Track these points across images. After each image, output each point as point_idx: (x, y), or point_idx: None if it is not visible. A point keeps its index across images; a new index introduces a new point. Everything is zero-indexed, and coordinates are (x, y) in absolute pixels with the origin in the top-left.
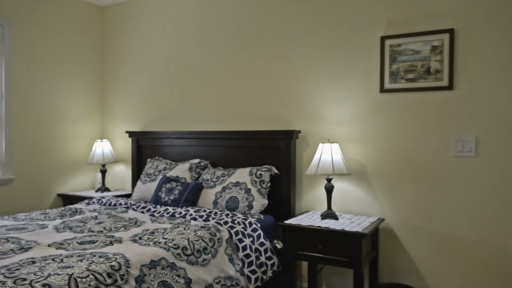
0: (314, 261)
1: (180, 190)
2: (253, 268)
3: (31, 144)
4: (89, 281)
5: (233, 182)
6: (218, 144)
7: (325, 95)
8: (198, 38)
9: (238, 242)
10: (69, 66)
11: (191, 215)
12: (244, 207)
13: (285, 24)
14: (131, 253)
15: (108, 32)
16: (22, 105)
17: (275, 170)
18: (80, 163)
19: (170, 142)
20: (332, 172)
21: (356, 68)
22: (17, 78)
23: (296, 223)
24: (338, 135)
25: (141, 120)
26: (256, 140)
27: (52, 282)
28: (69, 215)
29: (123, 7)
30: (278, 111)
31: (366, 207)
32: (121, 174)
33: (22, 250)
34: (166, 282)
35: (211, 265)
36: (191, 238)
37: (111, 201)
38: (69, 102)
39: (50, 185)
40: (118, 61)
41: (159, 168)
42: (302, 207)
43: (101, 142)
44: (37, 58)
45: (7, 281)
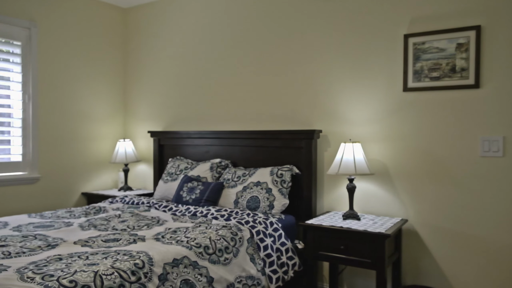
0: (336, 261)
1: (201, 190)
2: (274, 268)
3: (57, 144)
4: (113, 278)
5: (254, 181)
6: (239, 144)
7: (347, 95)
8: (220, 38)
9: (259, 241)
10: (93, 67)
11: (212, 214)
12: (265, 207)
13: (307, 24)
14: (154, 251)
15: (130, 34)
16: (49, 106)
17: (296, 170)
18: (103, 163)
19: (191, 142)
20: (354, 172)
21: (378, 67)
22: (43, 80)
23: (317, 223)
24: (360, 134)
25: (162, 120)
26: (277, 140)
27: (78, 279)
28: (93, 213)
29: (145, 8)
30: (299, 111)
31: (388, 208)
32: (143, 173)
33: (49, 247)
34: (188, 281)
35: (233, 264)
36: (213, 237)
37: (133, 200)
38: (93, 103)
39: (75, 184)
40: (140, 61)
41: (180, 168)
42: (323, 207)
43: (123, 142)
44: (62, 59)
45: (36, 277)
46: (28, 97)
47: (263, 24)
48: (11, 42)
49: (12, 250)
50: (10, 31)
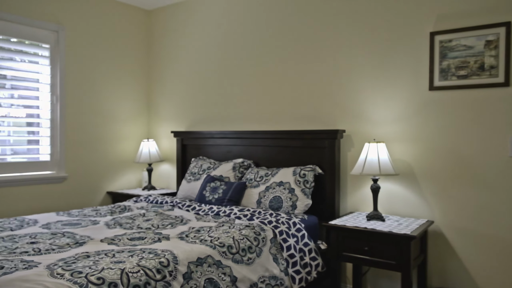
0: (360, 263)
1: (224, 189)
2: (298, 269)
3: (83, 144)
4: (139, 276)
5: (276, 181)
6: (261, 144)
7: (371, 94)
8: (241, 38)
9: (282, 241)
10: (118, 69)
11: (235, 214)
12: (288, 207)
13: (330, 22)
14: (179, 250)
15: (154, 35)
16: (75, 107)
17: (319, 170)
18: (127, 162)
19: (214, 142)
20: (378, 172)
21: (403, 65)
22: (71, 81)
23: (341, 224)
24: (384, 134)
25: (185, 120)
26: (300, 139)
27: (106, 276)
28: (119, 212)
29: (168, 10)
30: (322, 111)
31: (414, 209)
32: (166, 173)
33: (77, 245)
34: (212, 280)
35: (256, 264)
36: (236, 237)
37: (157, 199)
38: (118, 104)
39: (100, 183)
40: (164, 62)
41: (203, 168)
42: (346, 207)
43: (147, 142)
44: (88, 61)
45: (65, 274)
46: (56, 98)
47: (285, 24)
48: (40, 45)
49: (42, 247)
50: (39, 34)
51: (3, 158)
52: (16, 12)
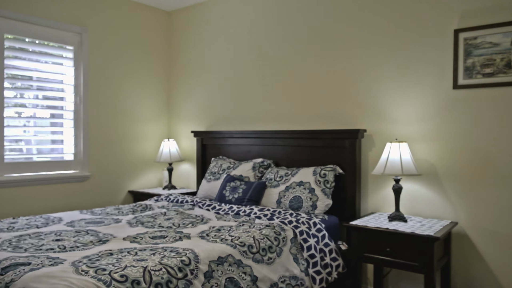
0: (381, 264)
1: (244, 189)
2: (318, 269)
3: (105, 144)
4: (161, 274)
5: (296, 181)
6: (281, 144)
7: (393, 93)
8: (261, 38)
9: (302, 242)
10: (139, 69)
11: (255, 213)
12: (308, 207)
13: (350, 20)
14: (200, 249)
15: (174, 36)
16: (98, 107)
17: (340, 170)
18: (148, 162)
19: (234, 142)
20: (400, 172)
21: (426, 63)
22: (93, 82)
23: (362, 224)
24: (406, 134)
25: (205, 120)
26: (320, 139)
27: (129, 274)
28: (140, 210)
29: (188, 11)
30: (343, 110)
31: (437, 210)
32: (187, 172)
33: (100, 242)
34: (233, 279)
35: (276, 264)
36: (257, 237)
37: (178, 198)
38: (139, 104)
39: (122, 182)
40: (184, 63)
41: (223, 167)
42: (367, 208)
43: (168, 141)
44: (110, 62)
45: (89, 271)
46: (79, 99)
47: (304, 23)
48: (64, 46)
49: (67, 244)
50: (63, 36)
51: (29, 157)
52: (41, 15)
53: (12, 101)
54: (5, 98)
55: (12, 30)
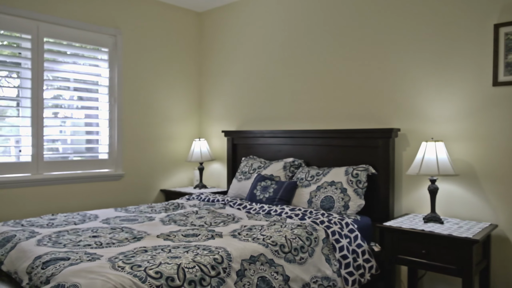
0: (416, 266)
1: (274, 189)
2: (351, 270)
3: (139, 143)
4: (195, 271)
5: (328, 181)
6: (312, 143)
7: (428, 91)
8: (292, 37)
9: (334, 242)
10: (170, 70)
11: (286, 213)
12: (340, 207)
13: (383, 17)
14: (232, 247)
15: (205, 37)
16: (131, 107)
17: (372, 169)
18: (180, 161)
19: (264, 141)
20: (437, 172)
21: (464, 60)
22: (127, 83)
23: (396, 226)
24: (442, 133)
25: (236, 120)
26: (352, 139)
27: (163, 270)
28: (172, 209)
29: (219, 11)
30: (376, 109)
31: (475, 212)
32: (217, 171)
33: (135, 240)
34: (265, 278)
35: (308, 264)
36: (288, 236)
37: (209, 197)
38: (171, 104)
39: (154, 181)
40: (214, 63)
41: (253, 167)
42: (401, 209)
43: (199, 141)
44: (143, 63)
45: (125, 267)
46: (114, 99)
47: (334, 20)
48: (100, 48)
49: (103, 240)
50: (99, 39)
51: (66, 156)
52: (78, 19)
53: (50, 102)
54: (45, 99)
55: (51, 33)
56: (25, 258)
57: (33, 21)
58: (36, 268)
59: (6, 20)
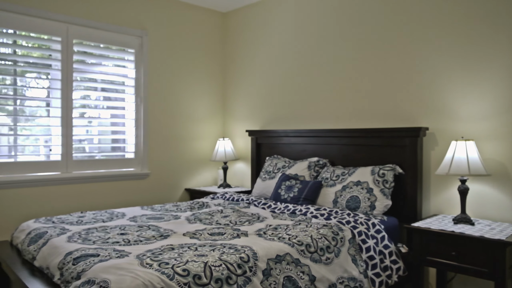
0: (445, 268)
1: (299, 188)
2: (378, 271)
3: (164, 142)
4: (221, 270)
5: (354, 181)
6: (337, 143)
7: (458, 88)
8: (315, 36)
9: (361, 242)
10: (195, 70)
11: (311, 213)
12: (366, 207)
13: (411, 12)
14: (258, 246)
15: (229, 36)
16: (157, 107)
17: (399, 169)
18: (204, 160)
19: (289, 141)
20: (467, 172)
21: (496, 56)
22: (153, 83)
23: (425, 227)
24: (473, 132)
25: (260, 119)
26: (378, 138)
27: (191, 268)
28: (197, 208)
29: (243, 11)
30: (403, 107)
31: (508, 213)
32: (241, 171)
33: (162, 237)
34: (291, 278)
35: (334, 265)
36: (314, 236)
37: (233, 196)
38: (195, 103)
39: (179, 180)
40: (238, 63)
41: (278, 166)
42: (429, 210)
43: (223, 140)
44: (168, 64)
45: (153, 264)
46: (140, 99)
47: (358, 17)
48: (126, 49)
49: (131, 238)
50: (125, 40)
51: (93, 155)
52: (105, 21)
53: (78, 102)
54: (74, 100)
55: (80, 35)
56: (57, 254)
57: (63, 24)
58: (67, 264)
59: (37, 23)
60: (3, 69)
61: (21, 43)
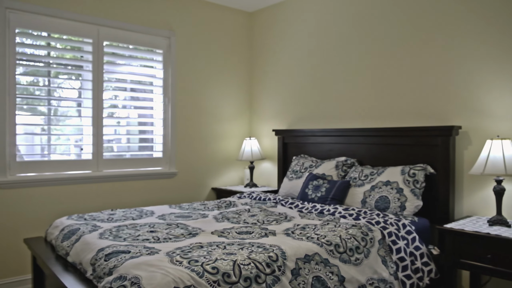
0: (480, 271)
1: (327, 188)
2: (408, 273)
3: (191, 142)
4: (250, 268)
5: (383, 181)
6: (365, 142)
7: (493, 86)
8: (343, 33)
9: (391, 243)
10: (221, 70)
11: (340, 213)
12: (396, 208)
13: (443, 5)
14: (287, 246)
15: (255, 36)
16: (184, 107)
17: (431, 169)
18: (230, 160)
19: (316, 140)
20: (504, 172)
21: None
22: (180, 83)
23: (458, 228)
24: (509, 130)
25: (286, 119)
26: (408, 137)
27: (220, 266)
28: (224, 207)
29: (269, 11)
30: (434, 106)
31: None
32: (268, 170)
33: (190, 235)
34: (320, 278)
35: (364, 265)
36: (343, 236)
37: (260, 196)
38: (222, 103)
39: (206, 179)
40: (264, 62)
41: (305, 166)
42: (462, 211)
43: (249, 140)
44: (195, 64)
45: (183, 261)
46: (167, 99)
47: (388, 13)
48: (154, 50)
49: (160, 236)
50: (154, 41)
51: (122, 154)
52: (134, 22)
53: (108, 102)
54: (104, 100)
55: (110, 37)
56: (89, 250)
57: (94, 26)
58: (100, 260)
59: (70, 25)
60: (37, 70)
61: (54, 45)
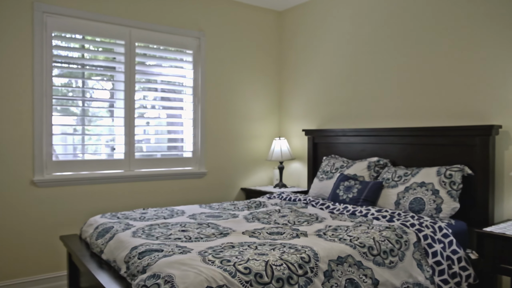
0: None
1: (359, 189)
2: (445, 278)
3: (220, 142)
4: (282, 269)
5: (417, 182)
6: (398, 142)
7: None
8: (374, 32)
9: (427, 247)
10: (251, 69)
11: (372, 214)
12: (431, 210)
13: (475, 5)
14: (319, 247)
15: (285, 35)
16: (214, 107)
17: (469, 170)
18: (260, 160)
19: (347, 140)
20: None
21: None
22: (210, 83)
23: (499, 232)
24: None
25: (316, 118)
26: (444, 137)
27: (252, 266)
28: (254, 207)
29: (298, 10)
30: (471, 104)
31: None
32: (297, 171)
33: (222, 235)
34: (353, 281)
35: (398, 269)
36: (377, 238)
37: (290, 196)
38: (252, 103)
39: (235, 179)
40: (294, 61)
41: (335, 166)
42: (503, 214)
43: (279, 140)
44: (225, 64)
45: (215, 261)
46: (197, 99)
47: (421, 10)
48: (184, 51)
49: (192, 235)
50: (184, 42)
51: (153, 154)
52: (164, 23)
53: (139, 103)
54: (136, 101)
55: (141, 38)
56: (123, 248)
57: (126, 28)
58: (133, 258)
59: (103, 27)
60: (71, 72)
61: (88, 47)
